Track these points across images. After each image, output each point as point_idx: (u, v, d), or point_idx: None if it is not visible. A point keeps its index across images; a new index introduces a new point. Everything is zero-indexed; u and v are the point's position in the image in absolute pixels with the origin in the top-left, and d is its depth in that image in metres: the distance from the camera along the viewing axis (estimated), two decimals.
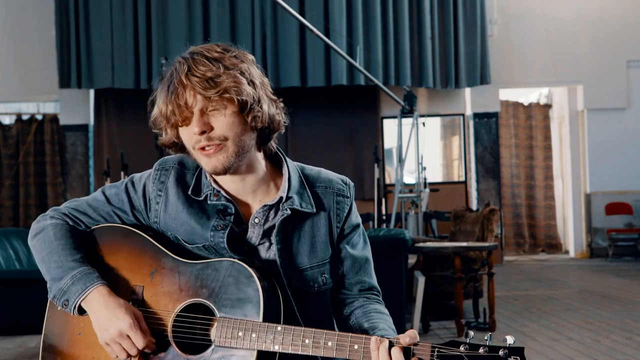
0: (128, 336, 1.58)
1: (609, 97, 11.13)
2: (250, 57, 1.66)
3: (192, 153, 1.63)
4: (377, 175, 8.91)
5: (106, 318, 1.59)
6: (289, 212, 1.66)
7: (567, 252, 11.78)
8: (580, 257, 11.30)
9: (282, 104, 1.69)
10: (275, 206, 1.69)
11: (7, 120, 11.39)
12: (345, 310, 1.76)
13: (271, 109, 1.64)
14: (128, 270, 1.68)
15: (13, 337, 5.88)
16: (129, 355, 1.60)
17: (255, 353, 1.54)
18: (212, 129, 1.58)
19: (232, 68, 1.58)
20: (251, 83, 1.60)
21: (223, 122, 1.58)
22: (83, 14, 10.06)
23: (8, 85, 10.61)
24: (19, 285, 5.98)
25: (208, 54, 1.59)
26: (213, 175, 1.68)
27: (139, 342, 1.58)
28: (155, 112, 1.63)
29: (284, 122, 1.69)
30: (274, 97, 1.67)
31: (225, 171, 1.61)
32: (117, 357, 1.62)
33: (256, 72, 1.64)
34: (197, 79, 1.55)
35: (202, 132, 1.57)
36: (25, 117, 11.14)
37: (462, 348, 1.43)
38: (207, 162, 1.61)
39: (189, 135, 1.60)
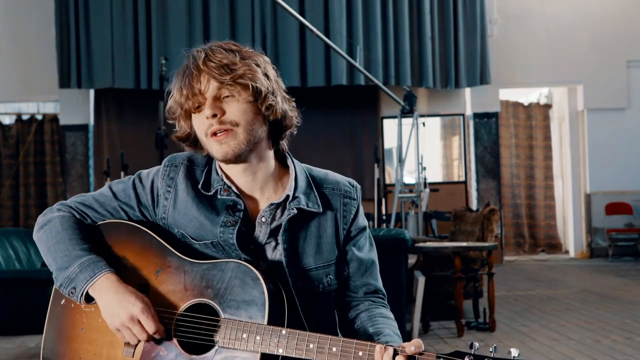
0: (139, 321, 1.58)
1: (609, 97, 11.13)
2: (267, 58, 1.70)
3: (204, 142, 1.65)
4: (377, 175, 8.92)
5: (117, 303, 1.59)
6: (295, 211, 1.67)
7: (567, 252, 11.79)
8: (580, 257, 11.31)
9: (294, 104, 1.72)
10: (282, 205, 1.69)
11: (7, 120, 11.39)
12: (350, 313, 1.75)
13: (285, 104, 1.68)
14: (133, 267, 1.68)
15: (13, 337, 5.88)
16: (138, 341, 1.60)
17: (258, 356, 1.54)
18: (223, 113, 1.60)
19: (247, 58, 1.62)
20: (266, 76, 1.63)
21: (236, 107, 1.60)
22: (83, 14, 10.06)
23: (8, 85, 10.60)
24: (19, 285, 5.97)
25: (225, 46, 1.63)
26: (224, 167, 1.69)
27: (150, 326, 1.58)
28: (170, 101, 1.66)
29: (297, 122, 1.72)
30: (288, 97, 1.71)
31: (235, 158, 1.63)
32: (128, 342, 1.62)
33: (271, 70, 1.68)
34: (213, 64, 1.58)
35: (214, 116, 1.59)
36: (25, 117, 11.14)
37: (466, 359, 1.43)
38: (218, 149, 1.61)
39: (201, 121, 1.62)
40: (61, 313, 1.71)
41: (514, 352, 1.41)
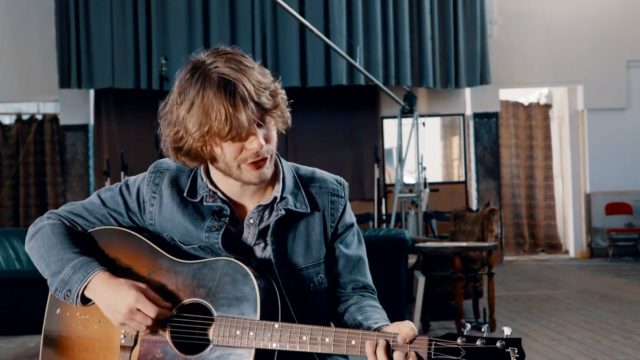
0: (138, 309, 1.57)
1: (609, 97, 11.13)
2: None
3: (231, 167, 1.58)
4: (377, 175, 8.91)
5: (112, 299, 1.59)
6: (283, 212, 1.66)
7: (567, 252, 11.78)
8: (580, 257, 11.30)
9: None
10: (270, 206, 1.69)
11: (7, 120, 11.39)
12: (339, 307, 1.76)
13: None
14: (125, 271, 1.68)
15: (13, 337, 5.88)
16: (146, 328, 1.59)
17: (253, 351, 1.55)
18: (267, 142, 1.57)
19: (273, 80, 1.58)
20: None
21: (273, 136, 1.59)
22: (83, 14, 10.07)
23: (8, 85, 10.60)
24: (19, 285, 5.97)
25: (247, 63, 1.55)
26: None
27: (150, 311, 1.57)
28: (194, 127, 1.52)
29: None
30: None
31: (267, 180, 1.62)
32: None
33: None
34: (262, 93, 1.52)
35: (261, 146, 1.55)
36: (25, 117, 11.14)
37: (459, 340, 1.43)
38: (254, 174, 1.58)
39: (237, 149, 1.55)
40: (57, 323, 1.71)
41: (507, 330, 1.42)
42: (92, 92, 10.72)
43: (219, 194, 1.67)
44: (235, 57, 1.55)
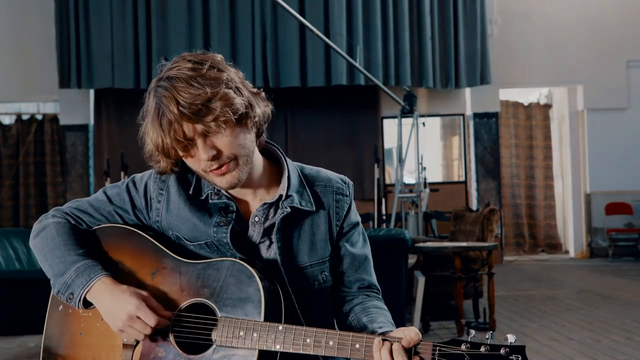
0: (138, 317, 1.57)
1: (609, 97, 11.13)
2: (220, 57, 1.61)
3: (202, 175, 1.62)
4: (377, 175, 8.91)
5: (113, 305, 1.59)
6: (288, 210, 1.67)
7: (567, 252, 11.79)
8: (580, 257, 11.30)
9: (263, 94, 1.66)
10: (275, 204, 1.69)
11: (7, 120, 11.39)
12: (344, 307, 1.76)
13: (260, 106, 1.62)
14: (129, 270, 1.68)
15: (13, 337, 5.88)
16: (145, 336, 1.60)
17: (256, 353, 1.55)
18: (220, 151, 1.55)
19: (217, 85, 1.53)
20: (237, 91, 1.56)
21: (228, 141, 1.55)
22: (83, 14, 10.07)
23: (8, 85, 10.61)
24: (19, 285, 5.97)
25: (186, 74, 1.53)
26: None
27: (150, 320, 1.57)
28: (150, 147, 1.61)
29: (271, 110, 1.67)
30: (256, 91, 1.64)
31: (240, 184, 1.61)
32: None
33: (235, 75, 1.59)
34: (188, 110, 1.50)
35: (212, 157, 1.55)
36: (25, 117, 11.14)
37: (463, 347, 1.44)
38: (222, 180, 1.59)
39: (195, 161, 1.58)
40: (59, 319, 1.71)
41: (511, 338, 1.43)
42: (92, 92, 10.72)
43: (224, 191, 1.68)
44: (181, 71, 1.54)
